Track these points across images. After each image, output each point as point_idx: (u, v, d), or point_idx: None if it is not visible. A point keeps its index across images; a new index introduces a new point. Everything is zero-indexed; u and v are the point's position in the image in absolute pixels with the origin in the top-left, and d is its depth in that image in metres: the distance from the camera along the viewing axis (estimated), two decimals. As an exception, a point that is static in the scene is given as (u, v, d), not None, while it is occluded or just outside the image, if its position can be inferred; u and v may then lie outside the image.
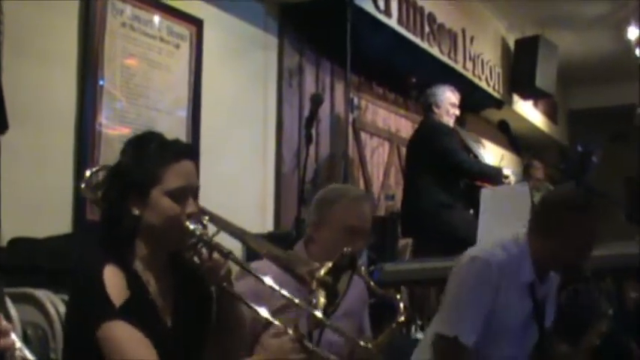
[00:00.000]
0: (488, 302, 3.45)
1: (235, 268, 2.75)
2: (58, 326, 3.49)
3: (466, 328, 3.44)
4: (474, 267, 3.53)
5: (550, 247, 3.47)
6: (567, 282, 3.85)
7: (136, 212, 2.53)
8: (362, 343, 3.23)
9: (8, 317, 3.09)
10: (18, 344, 1.89)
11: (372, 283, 3.39)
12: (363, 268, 3.53)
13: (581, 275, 3.70)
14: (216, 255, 2.56)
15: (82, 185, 2.94)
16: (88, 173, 3.02)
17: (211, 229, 2.64)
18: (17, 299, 3.41)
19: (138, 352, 2.35)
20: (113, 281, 2.41)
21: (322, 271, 2.53)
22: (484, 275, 3.47)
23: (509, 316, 3.50)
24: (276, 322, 2.56)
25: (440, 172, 6.13)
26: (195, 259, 2.58)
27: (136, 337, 2.37)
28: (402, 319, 3.28)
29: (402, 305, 3.30)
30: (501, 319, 3.48)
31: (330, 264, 2.56)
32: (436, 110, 6.53)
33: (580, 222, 3.44)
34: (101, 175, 2.87)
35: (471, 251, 3.65)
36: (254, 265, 2.90)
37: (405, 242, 7.25)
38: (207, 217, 2.66)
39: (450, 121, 6.54)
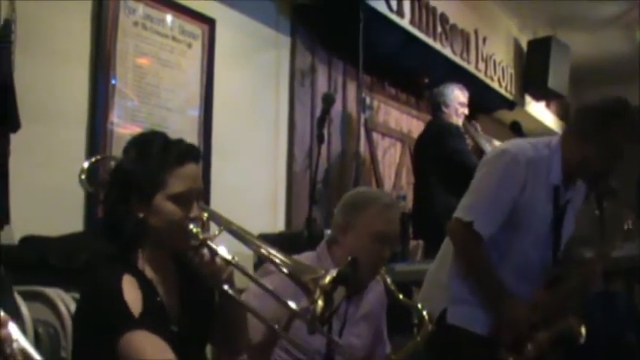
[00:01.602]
0: (511, 197, 3.47)
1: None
2: (69, 324, 3.50)
3: (483, 217, 3.47)
4: (502, 160, 3.55)
5: (583, 151, 3.48)
6: (594, 191, 3.84)
7: (140, 215, 2.52)
8: (393, 356, 3.25)
9: (18, 314, 3.10)
10: (15, 335, 1.89)
11: (400, 296, 3.38)
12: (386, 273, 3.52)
13: (609, 188, 3.68)
14: (218, 259, 2.55)
15: (82, 176, 2.94)
16: (86, 165, 3.01)
17: (214, 229, 2.64)
18: (28, 297, 3.42)
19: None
20: (131, 292, 2.41)
21: (327, 279, 2.50)
22: (511, 169, 3.49)
23: (531, 216, 3.52)
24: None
25: (449, 173, 6.11)
26: (197, 261, 2.57)
27: (158, 345, 2.37)
28: (428, 330, 3.28)
29: (426, 315, 3.29)
30: (524, 218, 3.50)
31: (334, 272, 2.52)
32: (445, 110, 6.53)
33: (618, 129, 3.45)
34: (111, 163, 2.86)
35: (502, 145, 3.67)
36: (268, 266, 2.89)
37: (416, 243, 7.24)
38: (206, 215, 2.66)
39: (459, 121, 6.53)
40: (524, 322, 3.47)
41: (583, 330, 3.53)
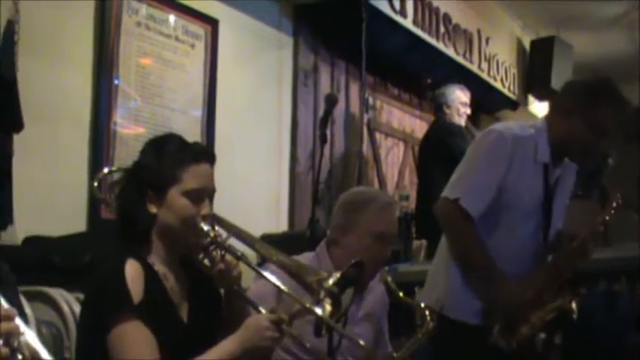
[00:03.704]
0: (498, 174, 3.44)
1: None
2: (72, 325, 3.50)
3: (470, 194, 3.44)
4: (488, 138, 3.55)
5: (570, 128, 3.47)
6: (583, 167, 3.84)
7: (153, 210, 2.58)
8: (395, 354, 3.25)
9: (22, 315, 3.10)
10: (22, 328, 1.90)
11: (400, 294, 3.38)
12: (387, 272, 3.52)
13: (603, 162, 3.68)
14: (228, 256, 2.58)
15: (95, 183, 2.98)
16: (105, 170, 3.05)
17: (223, 233, 2.66)
18: (31, 298, 3.42)
19: (141, 356, 2.38)
20: (134, 276, 2.45)
21: (330, 281, 2.54)
22: (498, 146, 3.48)
23: (521, 196, 3.49)
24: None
25: (452, 173, 6.11)
26: (207, 261, 2.61)
27: (144, 340, 2.40)
28: (430, 327, 3.28)
29: (427, 314, 3.29)
30: (513, 197, 3.47)
31: (338, 274, 2.57)
32: (447, 110, 6.56)
33: (604, 104, 3.45)
34: (116, 176, 2.90)
35: (489, 127, 3.68)
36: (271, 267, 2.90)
37: (419, 243, 7.24)
38: (217, 223, 2.68)
39: (461, 121, 6.55)
40: (518, 305, 3.44)
41: (574, 306, 3.50)
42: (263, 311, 2.60)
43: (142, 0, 5.37)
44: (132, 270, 2.45)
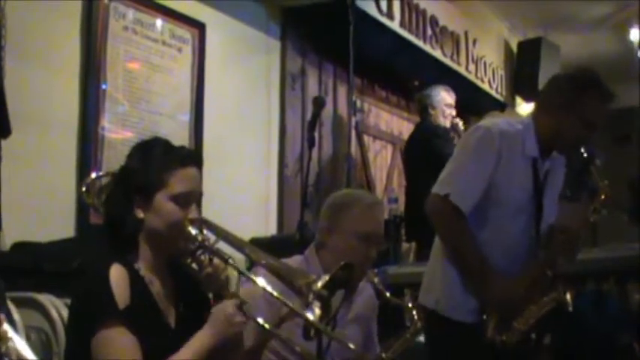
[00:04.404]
0: (487, 169, 3.45)
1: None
2: (61, 330, 3.48)
3: (460, 189, 3.45)
4: (475, 134, 3.56)
5: (557, 122, 3.48)
6: (571, 161, 3.84)
7: (140, 215, 2.57)
8: (383, 355, 3.25)
9: (11, 321, 3.09)
10: (10, 334, 1.89)
11: (387, 294, 3.39)
12: (374, 274, 3.53)
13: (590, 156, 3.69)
14: (216, 260, 2.57)
15: (84, 188, 2.97)
16: (93, 175, 3.04)
17: (211, 237, 2.65)
18: (20, 303, 3.40)
19: None
20: (118, 281, 2.44)
21: (319, 284, 2.53)
22: (485, 141, 3.49)
23: (511, 191, 3.49)
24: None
25: (438, 174, 6.11)
26: (194, 265, 2.60)
27: (128, 345, 2.40)
28: (417, 328, 3.28)
29: (415, 314, 3.30)
30: (503, 193, 3.48)
31: (327, 277, 2.56)
32: (432, 112, 6.57)
33: (590, 97, 3.46)
34: (104, 180, 2.89)
35: (476, 124, 3.69)
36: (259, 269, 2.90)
37: (408, 245, 7.24)
38: (205, 226, 2.67)
39: (446, 122, 6.56)
40: (511, 301, 3.44)
41: (569, 297, 3.50)
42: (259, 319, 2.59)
43: (129, 4, 5.35)
44: (117, 275, 2.45)
